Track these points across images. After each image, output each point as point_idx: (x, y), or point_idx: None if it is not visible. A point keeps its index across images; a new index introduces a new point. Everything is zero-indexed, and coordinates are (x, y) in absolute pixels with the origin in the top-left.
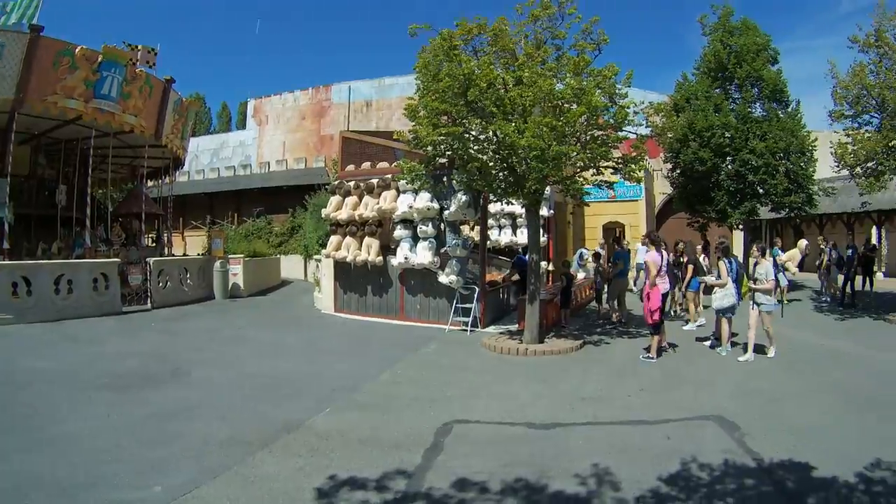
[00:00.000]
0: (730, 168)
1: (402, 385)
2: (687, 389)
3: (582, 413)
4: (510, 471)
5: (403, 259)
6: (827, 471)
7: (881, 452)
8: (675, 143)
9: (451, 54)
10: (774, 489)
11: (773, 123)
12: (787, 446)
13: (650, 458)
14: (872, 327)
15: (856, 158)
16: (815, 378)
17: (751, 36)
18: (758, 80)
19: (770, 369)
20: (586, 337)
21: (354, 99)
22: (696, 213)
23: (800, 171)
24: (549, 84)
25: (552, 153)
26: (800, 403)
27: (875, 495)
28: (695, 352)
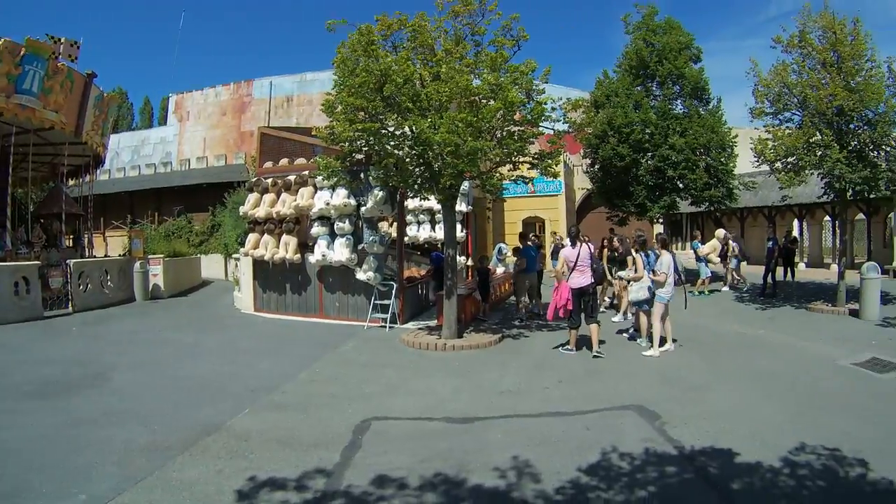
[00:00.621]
0: (649, 163)
1: (320, 384)
2: (606, 380)
3: (501, 406)
4: (429, 466)
5: (321, 256)
6: (750, 456)
7: (805, 437)
8: (593, 139)
9: (368, 50)
10: (697, 476)
11: (693, 120)
12: (709, 433)
13: (570, 450)
14: (794, 316)
15: (776, 154)
16: (736, 366)
17: (674, 35)
18: (679, 78)
19: (690, 359)
20: (505, 331)
21: (276, 94)
22: (615, 207)
23: (720, 166)
24: (466, 80)
25: (467, 148)
26: (721, 391)
27: (801, 478)
28: (616, 344)
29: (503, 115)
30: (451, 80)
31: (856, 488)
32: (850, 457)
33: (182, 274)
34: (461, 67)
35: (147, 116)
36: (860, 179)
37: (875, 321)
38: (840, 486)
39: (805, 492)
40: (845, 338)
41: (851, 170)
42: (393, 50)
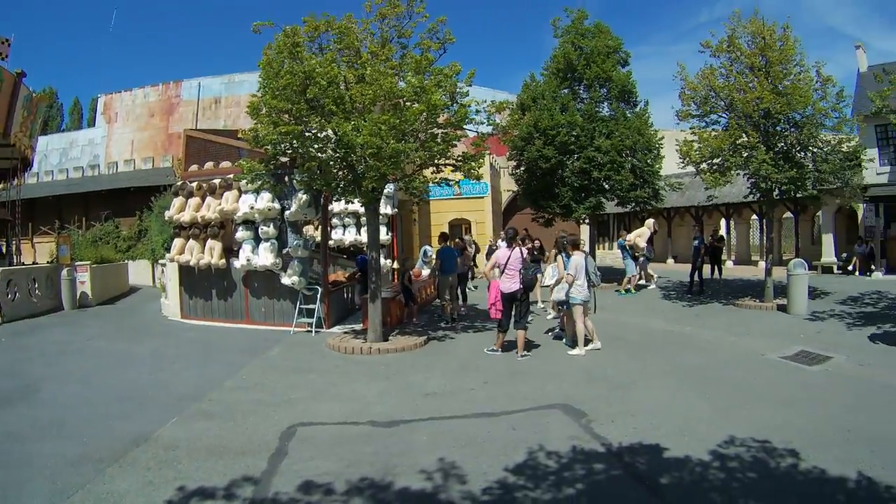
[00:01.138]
0: (575, 165)
1: (247, 391)
2: (532, 381)
3: (426, 409)
4: (355, 470)
5: (246, 261)
6: (679, 451)
7: (734, 430)
8: (519, 142)
9: (293, 52)
10: (625, 472)
11: (620, 122)
12: (637, 430)
13: (496, 450)
14: (721, 312)
15: (701, 155)
16: (663, 363)
17: (603, 39)
18: (607, 81)
19: (617, 357)
20: (431, 333)
21: (204, 96)
22: (540, 208)
23: (646, 167)
24: (391, 82)
25: (389, 151)
26: (649, 387)
27: (731, 471)
28: (542, 344)
29: (426, 118)
30: (375, 82)
31: (787, 478)
32: (780, 448)
33: (110, 281)
34: (386, 70)
35: (76, 117)
36: (786, 179)
37: (804, 315)
38: (771, 477)
39: (735, 484)
40: (773, 332)
41: (777, 170)
42: (320, 52)
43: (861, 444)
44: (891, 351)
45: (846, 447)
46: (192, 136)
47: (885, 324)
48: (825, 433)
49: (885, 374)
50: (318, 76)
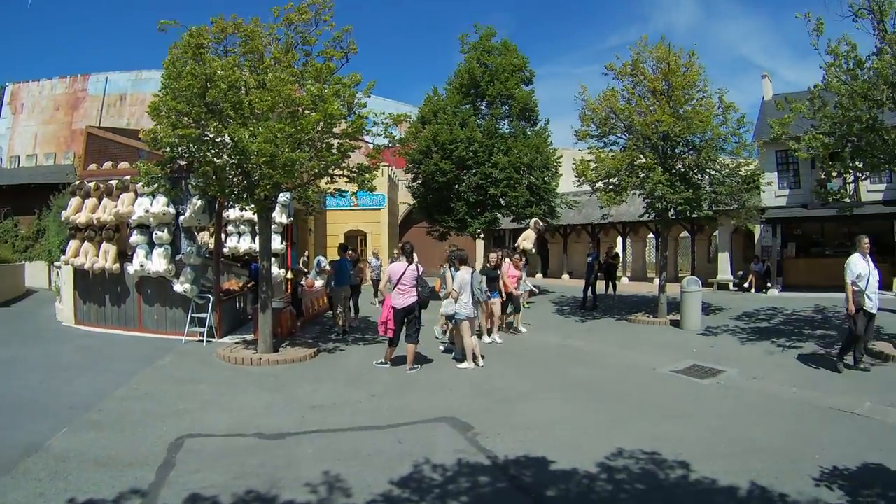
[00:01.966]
0: (472, 180)
1: (137, 400)
2: (420, 393)
3: (313, 421)
4: (242, 483)
5: (139, 266)
6: (566, 464)
7: (623, 442)
8: (417, 155)
9: (197, 52)
10: (510, 485)
11: (519, 139)
12: (523, 443)
13: (381, 463)
14: (614, 327)
15: (597, 174)
16: (553, 377)
17: (509, 57)
18: (509, 99)
19: (506, 370)
20: (321, 345)
21: (110, 91)
22: (435, 222)
23: (543, 184)
24: (290, 90)
25: (283, 159)
26: (537, 401)
27: (619, 483)
28: (433, 358)
29: (323, 127)
30: (275, 88)
31: (677, 489)
32: (670, 460)
33: (4, 283)
34: (286, 77)
35: None
36: (682, 200)
37: (697, 331)
38: (661, 489)
39: (623, 495)
40: (666, 347)
41: (673, 191)
42: (224, 54)
43: (753, 455)
44: (783, 365)
45: (738, 458)
46: (94, 133)
47: (779, 339)
48: (716, 444)
49: (776, 387)
50: (219, 79)
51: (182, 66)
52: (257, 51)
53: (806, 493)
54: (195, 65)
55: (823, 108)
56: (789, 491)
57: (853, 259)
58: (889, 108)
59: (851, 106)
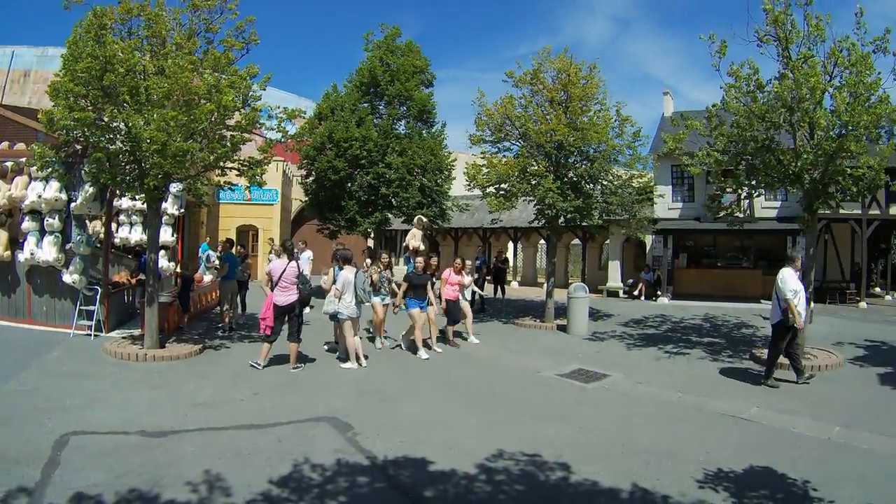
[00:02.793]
0: (364, 179)
1: (25, 395)
2: (302, 393)
3: (196, 419)
4: (125, 482)
5: (29, 255)
6: (445, 464)
7: (504, 444)
8: (311, 151)
9: (100, 33)
10: (388, 485)
11: (414, 141)
12: (403, 443)
13: (262, 462)
14: (500, 331)
15: (488, 180)
16: (436, 378)
17: (411, 58)
18: (407, 100)
19: (389, 371)
20: (207, 341)
21: (15, 66)
22: (326, 220)
23: (435, 187)
24: (187, 77)
25: (174, 149)
26: (419, 402)
27: (497, 484)
28: (317, 357)
29: (216, 119)
30: (173, 75)
31: (556, 490)
32: (551, 461)
33: None
34: (186, 64)
35: None
36: (572, 208)
37: (584, 336)
38: (540, 490)
39: (502, 496)
40: (552, 351)
41: (563, 199)
42: (129, 36)
43: (636, 457)
44: (669, 370)
45: (620, 460)
46: None
47: (666, 345)
48: (599, 447)
49: (662, 392)
50: (118, 63)
51: (84, 46)
52: (160, 35)
53: (689, 495)
54: (95, 46)
55: (720, 126)
56: (672, 493)
57: (789, 275)
58: (786, 131)
59: (748, 126)
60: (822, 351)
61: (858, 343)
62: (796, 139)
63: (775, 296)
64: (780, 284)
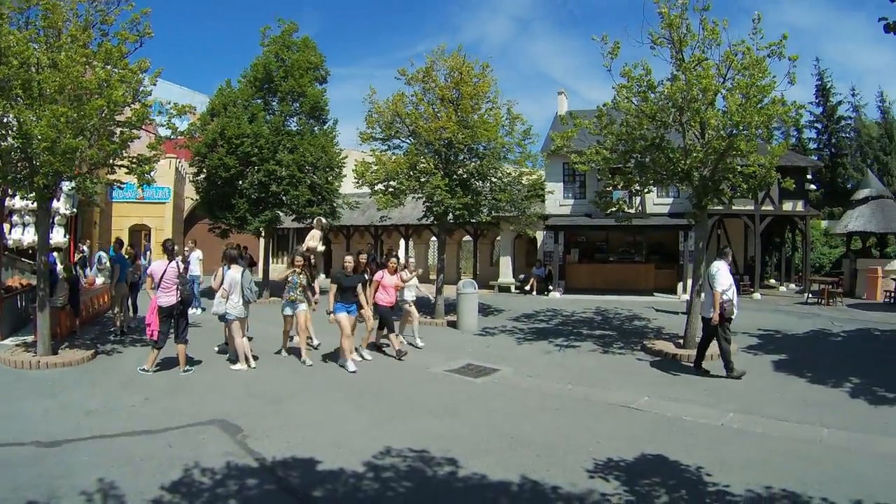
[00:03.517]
0: (255, 177)
1: None
2: (193, 396)
3: (89, 427)
4: (21, 495)
5: None
6: (333, 464)
7: (392, 441)
8: (203, 148)
9: None
10: (278, 487)
11: (305, 138)
12: (291, 444)
13: (154, 468)
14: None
15: (376, 177)
16: (324, 377)
17: (307, 54)
18: (300, 96)
19: (278, 372)
20: (100, 346)
21: None
22: (217, 219)
23: (325, 184)
24: (79, 71)
25: (63, 146)
26: (307, 402)
27: (386, 481)
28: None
29: (106, 114)
30: (66, 69)
31: (445, 486)
32: (439, 457)
33: None
34: (78, 57)
35: None
36: (460, 205)
37: (474, 331)
38: (428, 486)
39: (390, 493)
40: (442, 347)
41: (451, 196)
42: (26, 26)
43: (525, 450)
44: (560, 363)
45: (509, 453)
46: None
47: (557, 338)
48: (487, 441)
49: (552, 385)
50: (12, 55)
51: None
52: (56, 26)
53: (580, 486)
54: None
55: (610, 125)
56: (562, 483)
57: (722, 269)
58: (676, 130)
59: (637, 125)
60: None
61: (752, 332)
62: (685, 138)
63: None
64: (711, 279)
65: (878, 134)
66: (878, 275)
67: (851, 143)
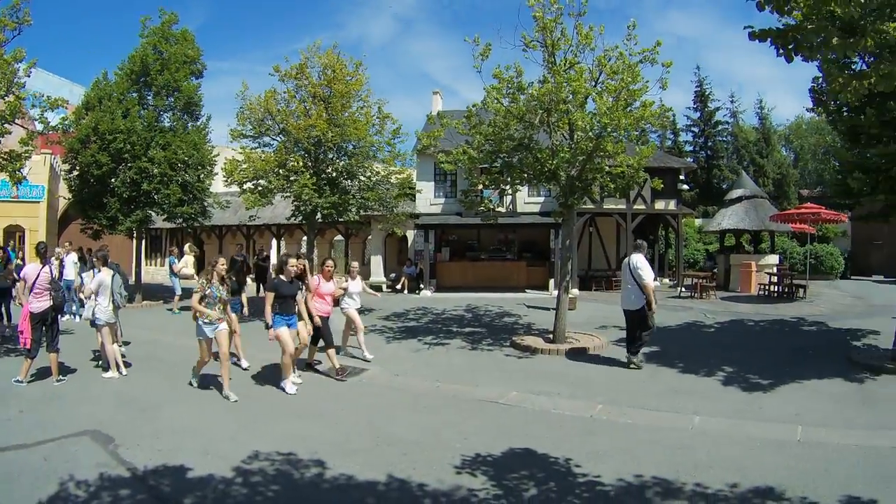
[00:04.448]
0: (127, 174)
1: None
2: (66, 407)
3: None
4: None
5: None
6: (203, 470)
7: (259, 445)
8: (76, 144)
9: None
10: (149, 496)
11: (178, 134)
12: (162, 451)
13: (30, 484)
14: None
15: (245, 175)
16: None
17: (185, 47)
18: (175, 91)
19: (150, 378)
20: None
21: None
22: (90, 219)
23: (197, 182)
24: None
25: None
26: (177, 408)
27: (254, 486)
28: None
29: None
30: None
31: (312, 487)
32: (306, 459)
33: None
34: None
35: None
36: (328, 204)
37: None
38: (296, 488)
39: (259, 498)
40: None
41: (319, 195)
42: None
43: (392, 448)
44: (428, 361)
45: (376, 452)
46: None
47: (426, 336)
48: (354, 441)
49: (420, 383)
50: None
51: None
52: None
53: (447, 482)
54: None
55: (479, 125)
56: (429, 480)
57: (643, 261)
58: (544, 131)
59: (505, 126)
60: (585, 335)
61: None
62: (553, 139)
63: (632, 282)
64: (637, 272)
65: (755, 138)
66: (751, 269)
67: (728, 146)
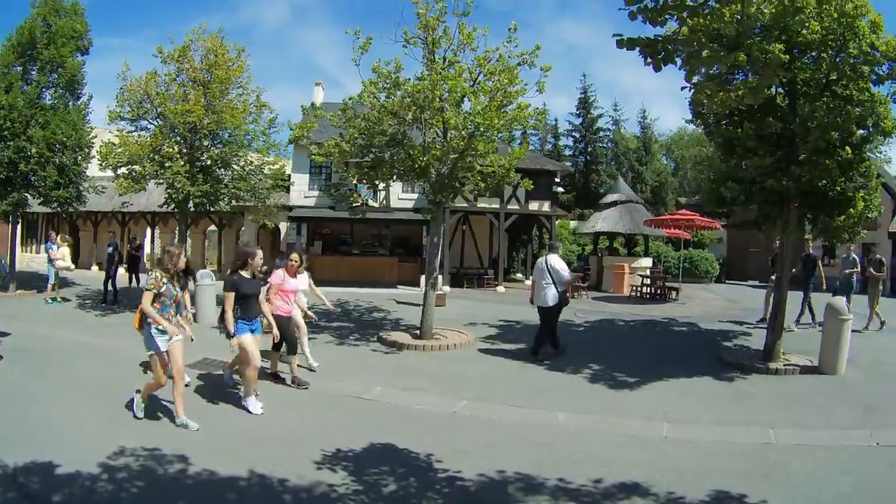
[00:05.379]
0: (4, 154)
1: None
2: None
3: None
4: None
5: None
6: (72, 466)
7: (125, 441)
8: None
9: None
10: (19, 494)
11: (58, 113)
12: (32, 448)
13: None
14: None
15: (119, 159)
16: (66, 375)
17: (73, 21)
18: (59, 67)
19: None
20: None
21: None
22: None
23: (73, 165)
24: None
25: None
26: (47, 403)
27: (120, 482)
28: None
29: None
30: None
31: (176, 483)
32: (170, 455)
33: None
34: None
35: None
36: (200, 193)
37: (212, 325)
38: (159, 484)
39: (124, 494)
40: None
41: (191, 183)
42: None
43: (253, 445)
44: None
45: (238, 449)
46: None
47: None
48: (216, 438)
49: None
50: None
51: None
52: None
53: (307, 477)
54: None
55: (353, 119)
56: (290, 476)
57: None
58: (417, 127)
59: (378, 121)
60: (453, 331)
61: (492, 323)
62: (425, 136)
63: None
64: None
65: (635, 146)
66: (624, 271)
67: (608, 152)
